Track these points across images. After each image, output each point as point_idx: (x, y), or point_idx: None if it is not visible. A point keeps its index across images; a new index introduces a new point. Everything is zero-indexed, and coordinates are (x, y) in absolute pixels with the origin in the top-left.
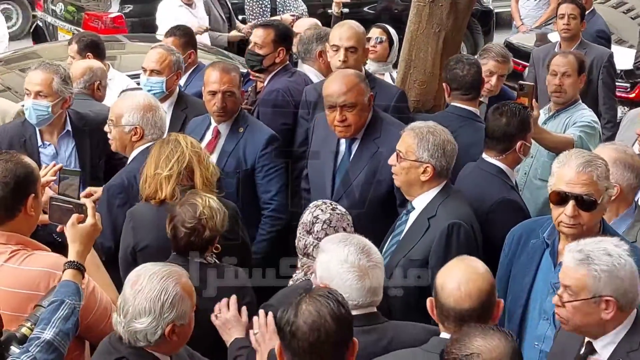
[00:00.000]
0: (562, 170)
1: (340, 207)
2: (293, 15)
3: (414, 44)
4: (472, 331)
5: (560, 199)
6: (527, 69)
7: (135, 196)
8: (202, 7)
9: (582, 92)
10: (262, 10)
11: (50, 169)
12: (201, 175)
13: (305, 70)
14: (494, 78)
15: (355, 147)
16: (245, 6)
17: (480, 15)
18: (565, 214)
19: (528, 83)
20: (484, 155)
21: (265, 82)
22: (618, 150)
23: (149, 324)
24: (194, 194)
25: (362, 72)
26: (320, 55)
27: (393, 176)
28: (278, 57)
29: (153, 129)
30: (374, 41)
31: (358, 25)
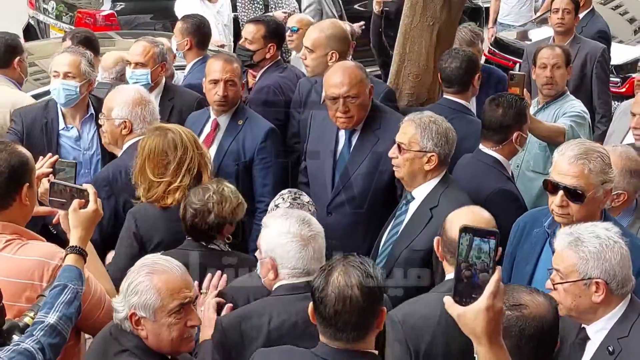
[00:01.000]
0: (558, 160)
1: (305, 197)
2: (285, 12)
3: (407, 38)
4: (518, 287)
5: (552, 187)
6: (521, 64)
7: (120, 190)
8: (225, 2)
9: (576, 87)
10: (254, 7)
11: (46, 160)
12: (207, 174)
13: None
14: None
15: (355, 138)
16: (238, 3)
17: (471, 13)
18: (554, 203)
19: (519, 73)
20: (481, 146)
21: (257, 78)
22: (622, 157)
23: (120, 302)
24: (214, 181)
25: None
26: None
27: (394, 168)
28: (268, 53)
29: (142, 123)
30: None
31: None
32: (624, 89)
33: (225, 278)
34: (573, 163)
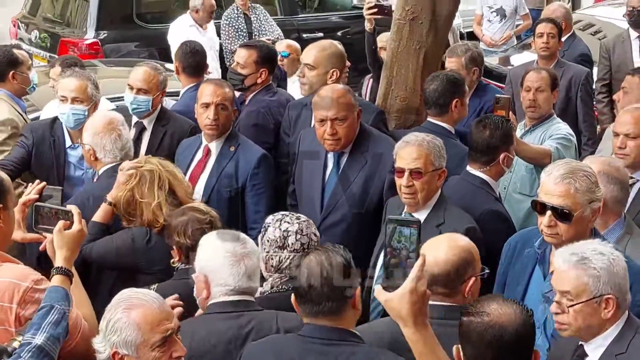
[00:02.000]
0: (545, 180)
1: (301, 215)
2: (269, 40)
3: (395, 61)
4: (495, 297)
5: (540, 208)
6: (505, 88)
7: (87, 217)
8: (213, 28)
9: (562, 110)
10: (238, 34)
11: (35, 186)
12: (182, 189)
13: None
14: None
15: (344, 161)
16: (222, 31)
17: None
18: (543, 223)
19: (504, 96)
20: (468, 168)
21: (246, 102)
22: (603, 163)
23: (100, 342)
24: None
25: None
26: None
27: (407, 196)
28: (260, 78)
29: (103, 151)
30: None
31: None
32: None
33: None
34: (559, 183)
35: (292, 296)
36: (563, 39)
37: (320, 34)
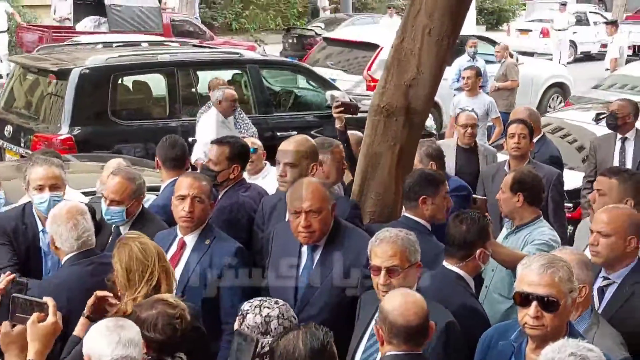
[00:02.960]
0: (524, 272)
1: (279, 299)
2: (244, 137)
3: (369, 156)
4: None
5: (523, 300)
6: (477, 187)
7: None
8: (232, 120)
9: None
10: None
11: (4, 278)
12: (167, 286)
13: None
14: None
15: (317, 255)
16: (197, 128)
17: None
18: (528, 314)
19: (481, 197)
20: (445, 263)
21: (219, 197)
22: (573, 253)
23: None
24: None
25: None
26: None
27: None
28: (232, 174)
29: (60, 240)
30: None
31: (303, 141)
32: (576, 213)
33: None
34: (543, 273)
35: None
36: (535, 140)
37: (295, 133)
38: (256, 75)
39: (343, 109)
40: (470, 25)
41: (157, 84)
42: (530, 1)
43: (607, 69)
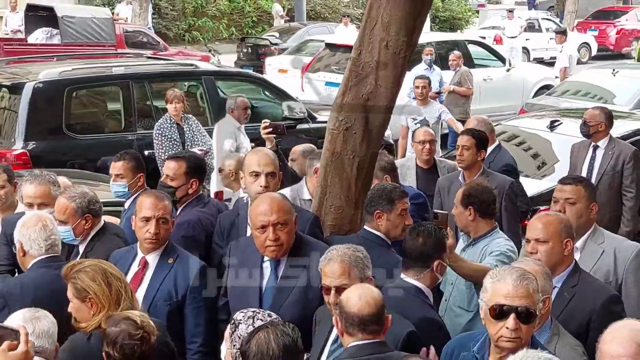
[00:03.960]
0: (498, 285)
1: (271, 312)
2: (202, 150)
3: (328, 170)
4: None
5: (499, 313)
6: (434, 197)
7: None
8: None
9: None
10: (171, 144)
11: None
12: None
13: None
14: None
15: (281, 268)
16: (155, 141)
17: (385, 147)
18: (507, 327)
19: (442, 212)
20: (402, 275)
21: (177, 213)
22: (536, 264)
23: None
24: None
25: None
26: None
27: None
28: (191, 189)
29: (29, 242)
30: None
31: (271, 152)
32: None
33: None
34: (519, 285)
35: None
36: (489, 149)
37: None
38: (212, 86)
39: (271, 129)
40: (423, 34)
41: (112, 97)
42: (482, 8)
43: (557, 77)
